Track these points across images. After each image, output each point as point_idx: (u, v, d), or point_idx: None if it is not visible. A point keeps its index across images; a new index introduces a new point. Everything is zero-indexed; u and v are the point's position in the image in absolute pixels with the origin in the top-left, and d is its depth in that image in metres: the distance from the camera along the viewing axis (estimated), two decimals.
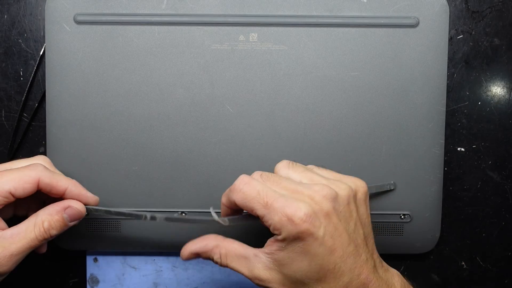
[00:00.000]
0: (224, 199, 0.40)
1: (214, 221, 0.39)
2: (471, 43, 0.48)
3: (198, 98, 0.45)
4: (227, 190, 0.39)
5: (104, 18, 0.45)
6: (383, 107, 0.46)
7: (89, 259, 0.49)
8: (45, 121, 0.46)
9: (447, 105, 0.48)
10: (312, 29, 0.45)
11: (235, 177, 0.46)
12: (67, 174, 0.46)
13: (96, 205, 0.41)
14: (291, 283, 0.37)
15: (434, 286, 0.50)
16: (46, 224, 0.39)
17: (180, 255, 0.40)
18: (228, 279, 0.49)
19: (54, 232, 0.39)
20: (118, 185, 0.46)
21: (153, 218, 0.40)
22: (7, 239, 0.38)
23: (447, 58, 0.45)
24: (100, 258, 0.49)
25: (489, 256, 0.50)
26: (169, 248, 0.47)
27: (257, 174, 0.38)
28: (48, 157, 0.46)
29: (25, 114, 0.48)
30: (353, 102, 0.46)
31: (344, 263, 0.36)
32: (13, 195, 0.38)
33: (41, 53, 0.48)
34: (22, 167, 0.40)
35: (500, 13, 0.48)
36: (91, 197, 0.41)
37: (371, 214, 0.40)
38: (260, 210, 0.36)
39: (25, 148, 0.49)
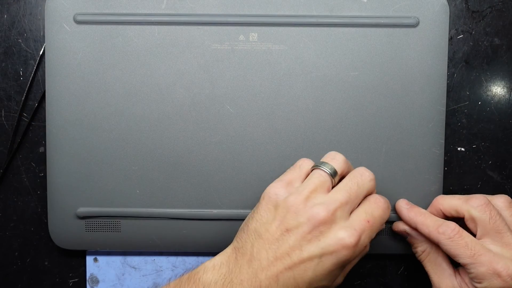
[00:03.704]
0: (417, 224, 0.42)
1: None
2: (471, 43, 0.48)
3: (198, 98, 0.45)
4: (428, 224, 0.41)
5: (104, 18, 0.45)
6: (383, 107, 0.46)
7: (89, 259, 0.49)
8: (45, 121, 0.46)
9: (447, 105, 0.48)
10: (312, 29, 0.45)
11: (235, 177, 0.46)
12: (67, 174, 0.46)
13: None
14: None
15: None
16: None
17: (393, 225, 0.45)
18: None
19: None
20: (118, 185, 0.46)
21: None
22: None
23: (447, 58, 0.45)
24: (100, 258, 0.49)
25: None
26: (169, 248, 0.47)
27: (482, 200, 0.40)
28: (48, 157, 0.46)
29: (25, 114, 0.48)
30: (353, 102, 0.46)
31: None
32: None
33: (41, 53, 0.48)
34: None
35: (500, 12, 0.48)
36: None
37: None
38: (465, 259, 0.38)
39: (25, 148, 0.49)
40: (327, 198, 0.37)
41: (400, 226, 0.44)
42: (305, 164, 0.41)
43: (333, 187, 0.39)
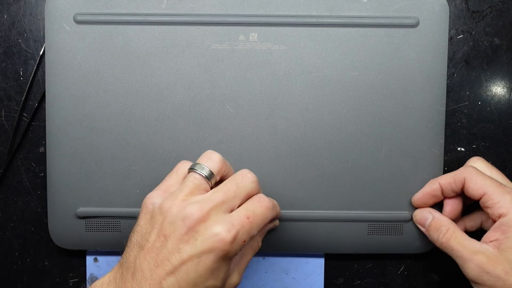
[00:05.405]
0: (447, 180, 0.44)
1: None
2: (471, 43, 0.48)
3: (198, 98, 0.45)
4: (450, 174, 0.43)
5: (104, 18, 0.45)
6: (383, 107, 0.46)
7: (89, 259, 0.49)
8: (45, 121, 0.46)
9: (447, 105, 0.48)
10: (312, 29, 0.45)
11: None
12: (67, 174, 0.46)
13: None
14: None
15: (434, 286, 0.50)
16: None
17: (414, 215, 0.46)
18: None
19: None
20: (118, 185, 0.46)
21: None
22: None
23: (447, 58, 0.45)
24: (100, 258, 0.49)
25: None
26: None
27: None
28: (48, 157, 0.46)
29: (25, 114, 0.48)
30: (353, 102, 0.46)
31: None
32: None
33: (41, 53, 0.48)
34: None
35: (500, 12, 0.48)
36: None
37: (375, 213, 0.39)
38: (494, 189, 0.40)
39: (25, 148, 0.49)
40: (202, 198, 0.37)
41: (421, 213, 0.45)
42: (183, 167, 0.40)
43: (212, 187, 0.39)
